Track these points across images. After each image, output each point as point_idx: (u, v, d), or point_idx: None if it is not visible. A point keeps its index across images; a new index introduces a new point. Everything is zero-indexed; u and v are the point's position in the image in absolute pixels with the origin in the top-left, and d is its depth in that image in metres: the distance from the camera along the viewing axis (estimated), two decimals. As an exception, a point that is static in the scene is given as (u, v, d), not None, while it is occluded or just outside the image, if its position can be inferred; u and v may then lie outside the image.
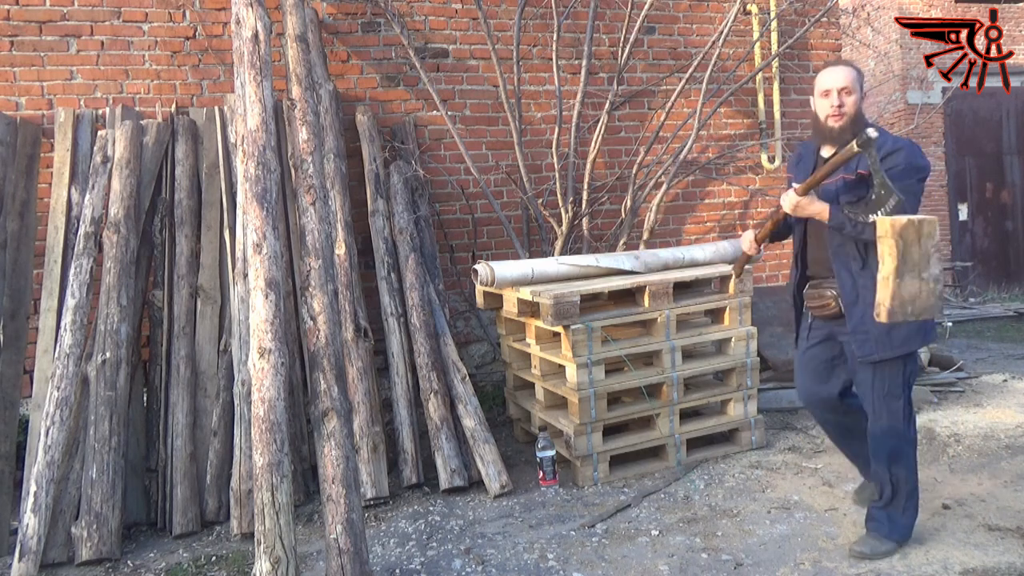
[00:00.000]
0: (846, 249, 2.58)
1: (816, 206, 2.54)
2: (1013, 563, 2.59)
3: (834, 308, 2.67)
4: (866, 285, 2.48)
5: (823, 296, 2.70)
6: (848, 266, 2.58)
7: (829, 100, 2.57)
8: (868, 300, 2.43)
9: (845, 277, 2.59)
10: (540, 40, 4.99)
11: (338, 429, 2.69)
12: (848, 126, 2.55)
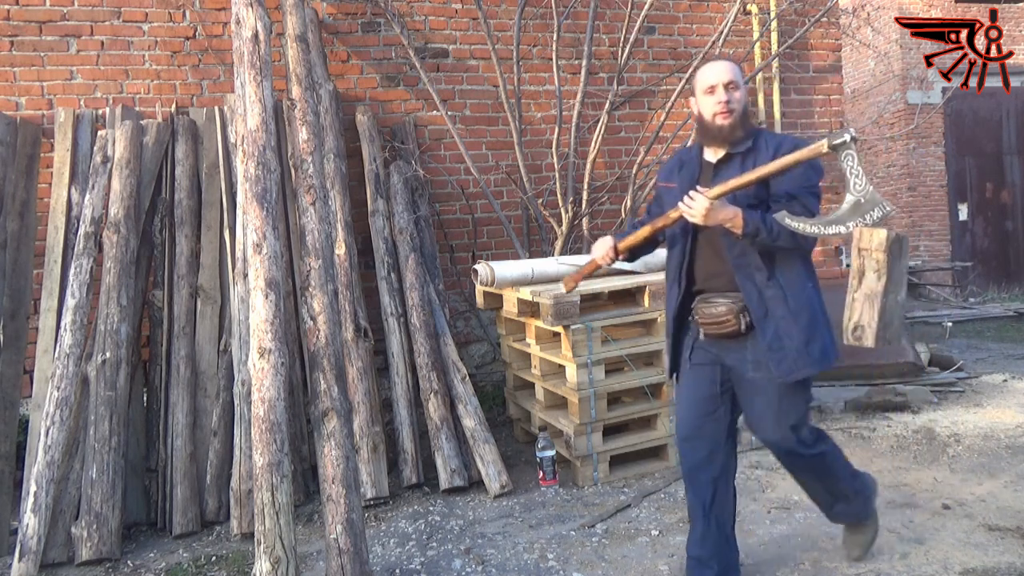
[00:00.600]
0: (749, 259, 2.29)
1: (727, 211, 2.21)
2: (1013, 563, 2.59)
3: (733, 325, 2.32)
4: (774, 297, 2.27)
5: (719, 312, 2.34)
6: (752, 278, 2.29)
7: (715, 96, 2.31)
8: (778, 313, 2.26)
9: (751, 290, 2.29)
10: (540, 40, 4.99)
11: (338, 429, 2.69)
12: (738, 123, 2.32)
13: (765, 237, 2.19)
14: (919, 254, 10.33)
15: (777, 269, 2.29)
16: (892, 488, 3.32)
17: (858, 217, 2.05)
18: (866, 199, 2.05)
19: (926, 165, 10.38)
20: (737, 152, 2.32)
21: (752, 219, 2.19)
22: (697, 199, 2.20)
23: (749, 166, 2.28)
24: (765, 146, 2.31)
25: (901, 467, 3.58)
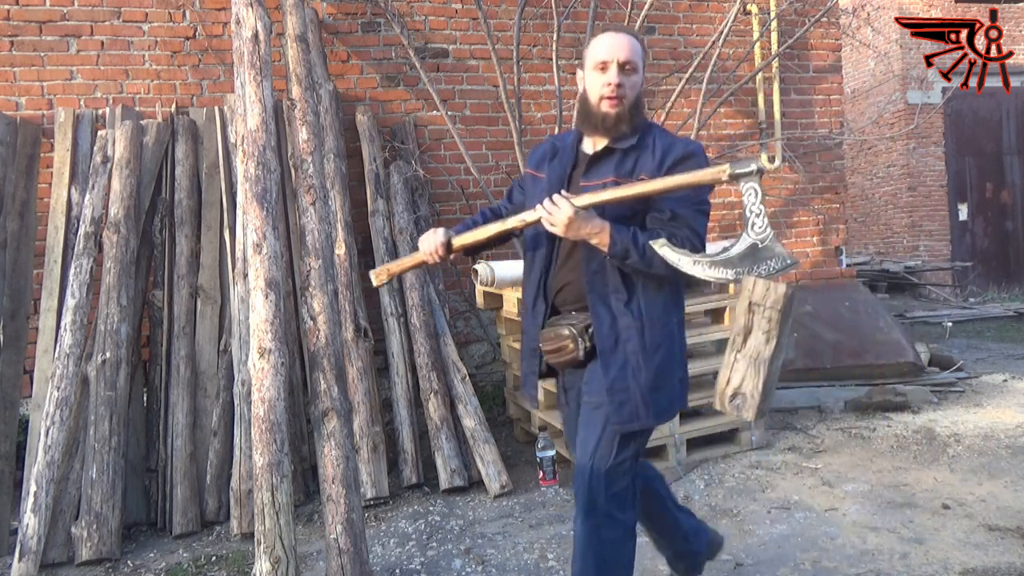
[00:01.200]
0: (607, 278, 1.92)
1: (592, 225, 1.83)
2: (1013, 563, 2.59)
3: (571, 352, 1.95)
4: (629, 326, 1.90)
5: (559, 336, 1.96)
6: (607, 300, 1.92)
7: (606, 76, 1.91)
8: (629, 347, 1.90)
9: (603, 314, 1.92)
10: (540, 40, 4.99)
11: (338, 429, 2.69)
12: (626, 115, 1.93)
13: (636, 261, 1.84)
14: (919, 254, 10.33)
15: (639, 295, 1.92)
16: (892, 488, 3.32)
17: (752, 264, 1.71)
18: (764, 245, 1.70)
19: (926, 165, 10.38)
20: (618, 148, 1.95)
21: (621, 238, 1.83)
22: (561, 206, 1.81)
23: (628, 167, 1.93)
24: (652, 147, 1.94)
25: (901, 467, 3.58)
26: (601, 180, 1.93)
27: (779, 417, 4.43)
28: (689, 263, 1.73)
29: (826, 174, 5.73)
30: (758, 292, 1.66)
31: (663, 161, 1.90)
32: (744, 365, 1.68)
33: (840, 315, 5.18)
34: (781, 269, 1.70)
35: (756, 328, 1.67)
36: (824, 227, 5.71)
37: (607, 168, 1.95)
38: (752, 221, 1.73)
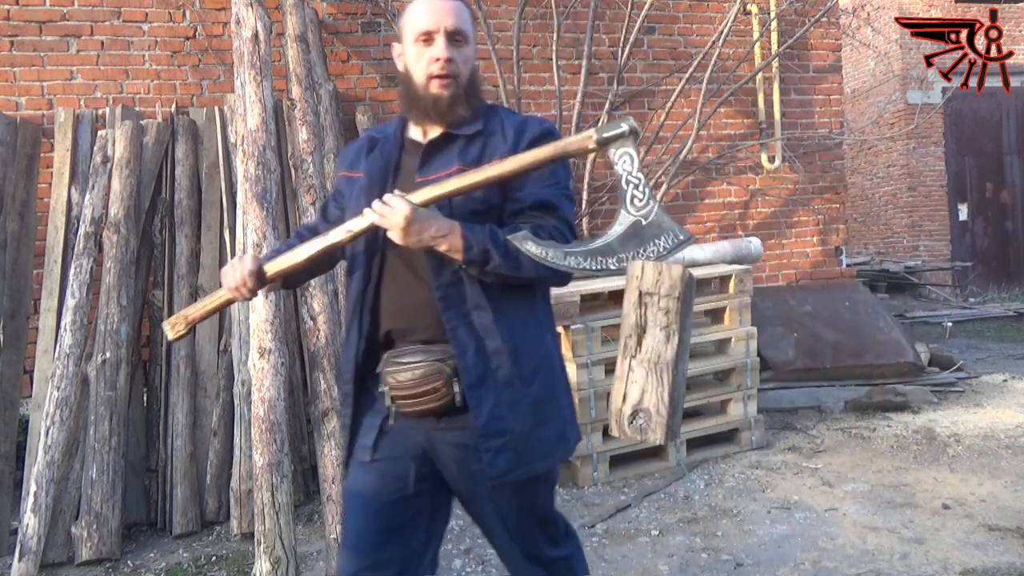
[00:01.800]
0: (463, 292, 1.53)
1: (439, 225, 1.46)
2: (1013, 563, 2.59)
3: (444, 396, 1.53)
4: (499, 352, 1.53)
5: (419, 376, 1.53)
6: (469, 321, 1.53)
7: (431, 50, 1.56)
8: (502, 378, 1.53)
9: (465, 340, 1.52)
10: (540, 40, 4.99)
11: (338, 429, 2.69)
12: (462, 95, 1.58)
13: (499, 265, 1.47)
14: (919, 254, 10.34)
15: (506, 309, 1.55)
16: (892, 488, 3.32)
17: (637, 247, 1.40)
18: (650, 221, 1.40)
19: (926, 165, 10.39)
20: (460, 134, 1.60)
21: (477, 239, 1.46)
22: (395, 206, 1.44)
23: (474, 155, 1.57)
24: (502, 130, 1.61)
25: (901, 467, 3.58)
26: (445, 171, 1.55)
27: (779, 417, 4.43)
28: (560, 256, 1.40)
29: (826, 174, 5.73)
30: (648, 279, 1.33)
31: (518, 143, 1.57)
32: (642, 373, 1.33)
33: (840, 315, 5.18)
34: (674, 248, 1.39)
35: (652, 324, 1.34)
36: (824, 227, 5.71)
37: (449, 157, 1.58)
38: (631, 195, 1.42)
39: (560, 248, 1.41)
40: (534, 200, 1.55)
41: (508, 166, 1.47)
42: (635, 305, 1.35)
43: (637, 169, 1.42)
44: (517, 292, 1.58)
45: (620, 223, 1.42)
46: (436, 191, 1.48)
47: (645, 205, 1.41)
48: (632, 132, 1.41)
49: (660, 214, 1.40)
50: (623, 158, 1.43)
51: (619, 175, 1.42)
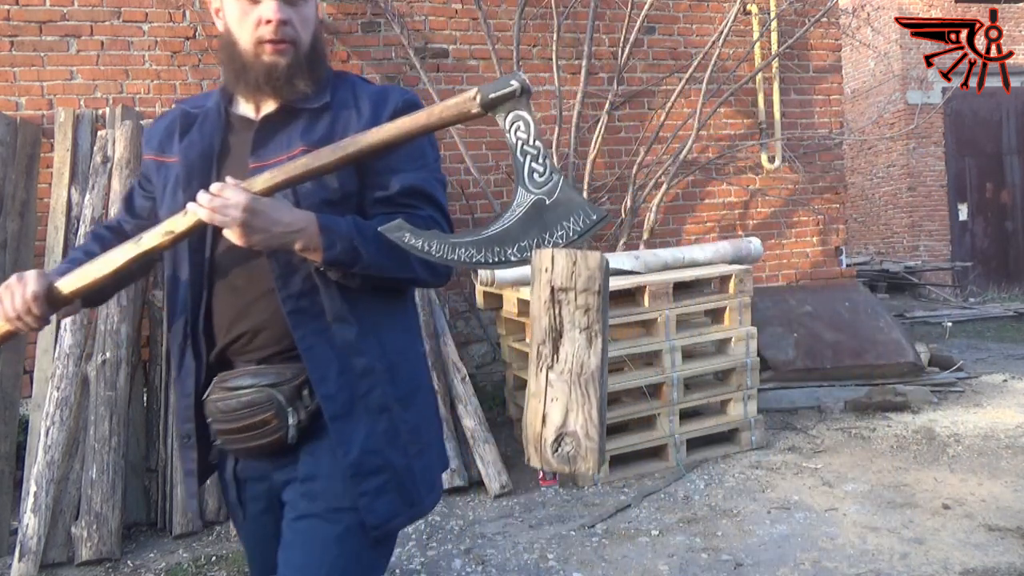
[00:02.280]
0: (317, 300, 1.27)
1: (290, 218, 1.19)
2: (1013, 563, 2.59)
3: (275, 432, 1.25)
4: (370, 371, 1.28)
5: (243, 406, 1.25)
6: (327, 335, 1.26)
7: (259, 9, 1.26)
8: (377, 402, 1.28)
9: (325, 360, 1.26)
10: (540, 40, 4.99)
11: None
12: (304, 64, 1.30)
13: (370, 265, 1.22)
14: (919, 254, 10.34)
15: (374, 319, 1.30)
16: (892, 488, 3.33)
17: (541, 232, 1.14)
18: (555, 199, 1.15)
19: (926, 165, 10.39)
20: (303, 108, 1.32)
21: (341, 233, 1.20)
22: (229, 196, 1.15)
23: (321, 133, 1.29)
24: (355, 102, 1.34)
25: (901, 467, 3.58)
26: (286, 153, 1.26)
27: (779, 417, 4.43)
28: (446, 248, 1.13)
29: (826, 174, 5.73)
30: (560, 271, 1.07)
31: (377, 117, 1.29)
32: (564, 388, 1.07)
33: (840, 315, 5.18)
34: (586, 229, 1.14)
35: (569, 327, 1.08)
36: (824, 227, 5.71)
37: (289, 137, 1.29)
38: (528, 168, 1.16)
39: (445, 239, 1.14)
40: (402, 186, 1.29)
41: (371, 139, 1.18)
42: (547, 305, 1.07)
43: (534, 137, 1.15)
44: (387, 297, 1.32)
45: (518, 204, 1.15)
46: (278, 176, 1.18)
47: (547, 180, 1.15)
48: (524, 91, 1.14)
49: (566, 190, 1.15)
50: (516, 124, 1.15)
51: (512, 145, 1.16)
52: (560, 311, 1.09)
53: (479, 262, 1.14)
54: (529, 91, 1.15)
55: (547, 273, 1.08)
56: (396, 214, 1.22)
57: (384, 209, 1.29)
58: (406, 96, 1.37)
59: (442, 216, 1.33)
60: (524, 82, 1.14)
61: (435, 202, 1.33)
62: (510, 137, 1.16)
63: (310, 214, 1.21)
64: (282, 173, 1.19)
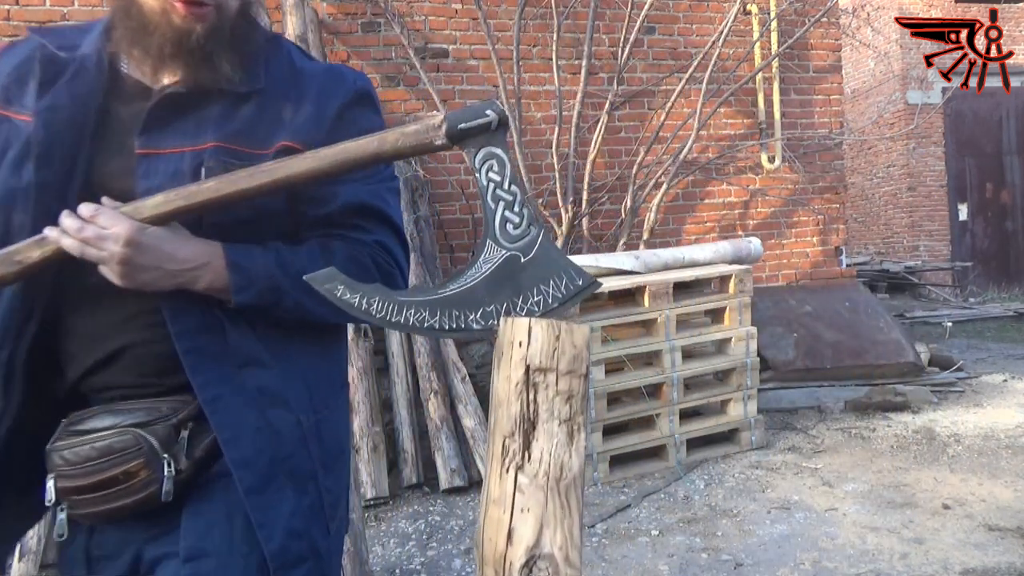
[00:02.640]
0: (226, 339, 1.00)
1: (188, 255, 0.95)
2: (1013, 563, 2.59)
3: (146, 485, 0.94)
4: (291, 426, 1.01)
5: (110, 451, 0.94)
6: (239, 385, 0.99)
7: None
8: (303, 470, 1.01)
9: (236, 413, 0.98)
10: (540, 40, 4.99)
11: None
12: (226, 37, 1.00)
13: (294, 307, 0.99)
14: (919, 254, 10.34)
15: (298, 360, 1.04)
16: (892, 488, 3.33)
17: (513, 295, 0.93)
18: (532, 256, 0.94)
19: (926, 165, 10.39)
20: (228, 90, 1.01)
21: (257, 272, 0.97)
22: (107, 225, 0.90)
23: (243, 127, 1.00)
24: (293, 85, 1.04)
25: (901, 467, 3.58)
26: (191, 145, 0.96)
27: (779, 417, 4.43)
28: (391, 309, 0.90)
29: (826, 174, 5.73)
30: (540, 347, 0.84)
31: (321, 111, 1.03)
32: (538, 497, 0.83)
33: (840, 315, 5.19)
34: (570, 297, 0.93)
35: (546, 416, 0.85)
36: (824, 227, 5.71)
37: (200, 123, 0.97)
38: (501, 217, 0.93)
39: (391, 296, 0.91)
40: (346, 202, 1.03)
41: (303, 167, 0.93)
42: (519, 388, 0.84)
43: (509, 180, 0.94)
44: (315, 331, 1.06)
45: (486, 259, 0.93)
46: (175, 201, 0.90)
47: (524, 233, 0.92)
48: (500, 123, 0.93)
49: (547, 246, 0.93)
50: (488, 163, 0.94)
51: (482, 188, 0.93)
52: (535, 397, 0.85)
53: (431, 328, 0.91)
54: (507, 124, 0.95)
55: (521, 348, 0.85)
56: (335, 239, 1.02)
57: (321, 230, 1.03)
58: (359, 85, 1.09)
59: (396, 240, 1.08)
60: (502, 113, 0.94)
61: (388, 221, 1.07)
62: (480, 178, 0.94)
63: (214, 245, 0.95)
64: (180, 198, 0.91)
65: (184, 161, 0.96)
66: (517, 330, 0.85)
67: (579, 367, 0.86)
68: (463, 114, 0.93)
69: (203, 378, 0.96)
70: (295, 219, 1.04)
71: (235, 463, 0.95)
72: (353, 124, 1.04)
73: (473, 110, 0.94)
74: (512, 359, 0.86)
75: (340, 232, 1.04)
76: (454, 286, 0.93)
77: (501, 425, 0.86)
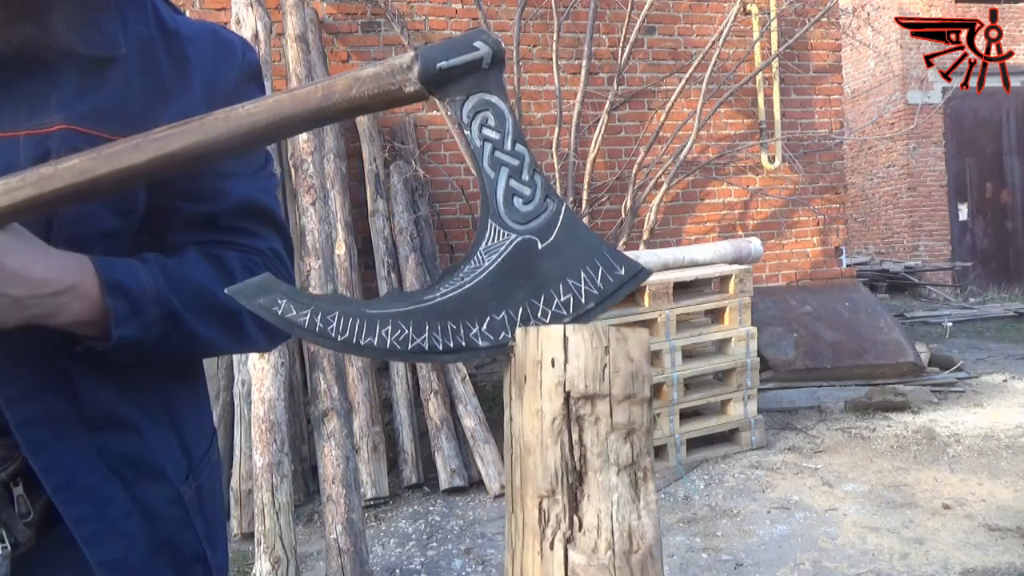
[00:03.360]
0: (76, 397, 0.71)
1: (49, 270, 0.65)
2: (1013, 563, 2.59)
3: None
4: (175, 503, 0.78)
5: None
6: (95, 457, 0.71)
7: None
8: (190, 551, 0.80)
9: (97, 498, 0.71)
10: (540, 40, 4.99)
11: (338, 429, 2.69)
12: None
13: (190, 339, 0.75)
14: (919, 254, 10.34)
15: (170, 410, 0.81)
16: (892, 488, 3.33)
17: (533, 295, 0.65)
18: (554, 239, 0.66)
19: (926, 165, 10.39)
20: (75, 55, 0.72)
21: (138, 292, 0.70)
22: None
23: (99, 103, 0.72)
24: (167, 51, 0.78)
25: (901, 467, 3.58)
26: (27, 128, 0.69)
27: (779, 417, 4.43)
28: (361, 328, 0.63)
29: (826, 174, 5.73)
30: (582, 364, 0.59)
31: (213, 86, 0.79)
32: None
33: (840, 315, 5.19)
34: (613, 291, 0.67)
35: (600, 464, 0.61)
36: (824, 227, 5.71)
37: (37, 99, 0.70)
38: (506, 188, 0.65)
39: (356, 309, 0.63)
40: (236, 200, 0.81)
41: (217, 130, 0.63)
42: (557, 426, 0.59)
43: (512, 138, 0.65)
44: (180, 369, 0.83)
45: (489, 248, 0.65)
46: (25, 189, 0.61)
47: (539, 209, 0.65)
48: (495, 60, 0.65)
49: (572, 224, 0.66)
50: (480, 115, 0.65)
51: (475, 150, 0.65)
52: (581, 437, 0.60)
53: (418, 350, 0.63)
54: (502, 62, 0.65)
55: (554, 369, 0.59)
56: (222, 245, 0.79)
57: (199, 235, 0.79)
58: (248, 57, 0.86)
59: (286, 249, 0.87)
60: (496, 45, 0.65)
61: (278, 225, 0.86)
62: (471, 137, 0.65)
63: (79, 259, 0.68)
64: (28, 184, 0.61)
65: (19, 149, 0.67)
66: (546, 343, 0.59)
67: (640, 389, 0.61)
68: (442, 49, 0.64)
69: (48, 458, 0.68)
70: (164, 221, 0.77)
71: (103, 566, 0.70)
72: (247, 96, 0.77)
73: (457, 43, 0.65)
74: (542, 386, 0.59)
75: (227, 238, 0.80)
76: (446, 288, 0.64)
77: (534, 482, 0.60)
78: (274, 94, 0.65)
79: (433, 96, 0.65)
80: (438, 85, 0.64)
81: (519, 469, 0.61)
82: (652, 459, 0.65)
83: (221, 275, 0.75)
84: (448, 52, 0.64)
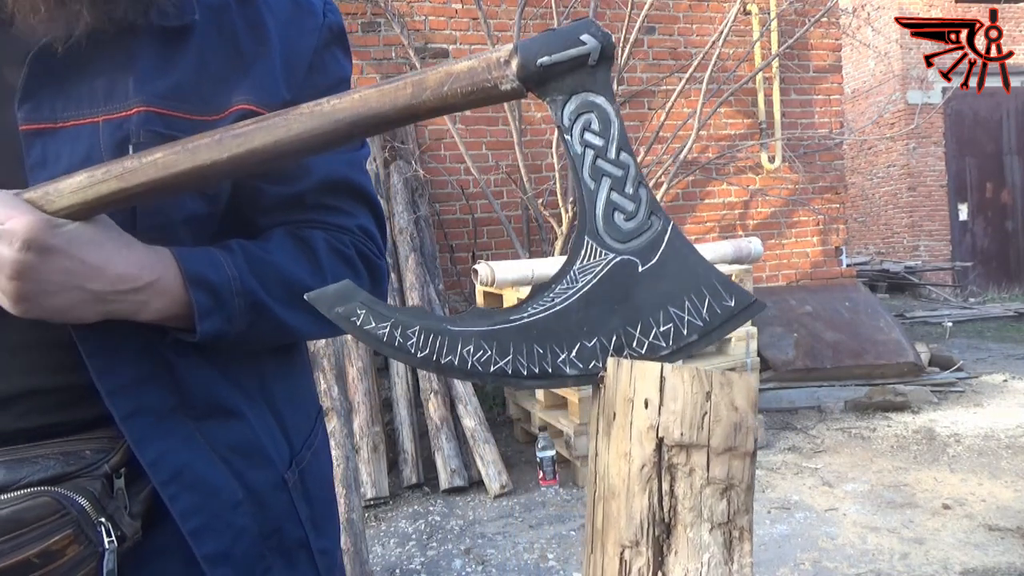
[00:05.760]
0: (172, 386, 0.69)
1: (129, 265, 0.63)
2: (1013, 563, 2.59)
3: (77, 567, 0.62)
4: (279, 489, 0.76)
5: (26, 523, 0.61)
6: (200, 445, 0.70)
7: None
8: (292, 540, 0.77)
9: (204, 488, 0.69)
10: (540, 40, 4.99)
11: (338, 429, 2.69)
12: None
13: (275, 329, 0.73)
14: (919, 254, 10.34)
15: (273, 396, 0.79)
16: (892, 488, 3.33)
17: (629, 322, 0.61)
18: (657, 261, 0.61)
19: (926, 165, 10.39)
20: (150, 26, 0.67)
21: (222, 284, 0.68)
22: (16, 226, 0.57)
23: (181, 79, 0.68)
24: (241, 14, 0.73)
25: (901, 467, 3.58)
26: (108, 113, 0.65)
27: (779, 417, 4.43)
28: (443, 345, 0.62)
29: (826, 174, 5.73)
30: (679, 407, 0.55)
31: (291, 55, 0.75)
32: None
33: (840, 315, 5.19)
34: (722, 324, 0.62)
35: (691, 518, 0.58)
36: (824, 227, 5.72)
37: (115, 79, 0.66)
38: (606, 202, 0.60)
39: (438, 325, 0.62)
40: (323, 177, 0.77)
41: (301, 127, 0.60)
42: (647, 474, 0.56)
43: (617, 145, 0.60)
44: (281, 353, 0.81)
45: (584, 269, 0.61)
46: (108, 183, 0.60)
47: (642, 227, 0.60)
48: (603, 56, 0.59)
49: (678, 246, 0.61)
50: (583, 118, 0.60)
51: (575, 156, 0.60)
52: (673, 487, 0.56)
53: (501, 373, 0.60)
54: (611, 58, 0.60)
55: (648, 411, 0.55)
56: (310, 224, 0.76)
57: (285, 215, 0.76)
58: (330, 18, 0.79)
59: (378, 225, 0.84)
60: (606, 39, 0.59)
61: (368, 200, 0.82)
62: (571, 142, 0.60)
63: (162, 252, 0.66)
64: (113, 178, 0.59)
65: (99, 136, 0.64)
66: (640, 381, 0.54)
67: (743, 441, 0.58)
68: (545, 42, 0.59)
69: (155, 451, 0.66)
70: (249, 202, 0.74)
71: (209, 560, 0.68)
72: (324, 74, 0.77)
73: (561, 35, 0.60)
74: (632, 427, 0.54)
75: (313, 217, 0.77)
76: (535, 308, 0.60)
77: (616, 528, 0.55)
78: (359, 89, 0.63)
79: (532, 92, 0.60)
80: (538, 83, 0.60)
81: (601, 511, 0.57)
82: (751, 518, 0.59)
83: (308, 258, 0.74)
84: (551, 46, 0.59)
